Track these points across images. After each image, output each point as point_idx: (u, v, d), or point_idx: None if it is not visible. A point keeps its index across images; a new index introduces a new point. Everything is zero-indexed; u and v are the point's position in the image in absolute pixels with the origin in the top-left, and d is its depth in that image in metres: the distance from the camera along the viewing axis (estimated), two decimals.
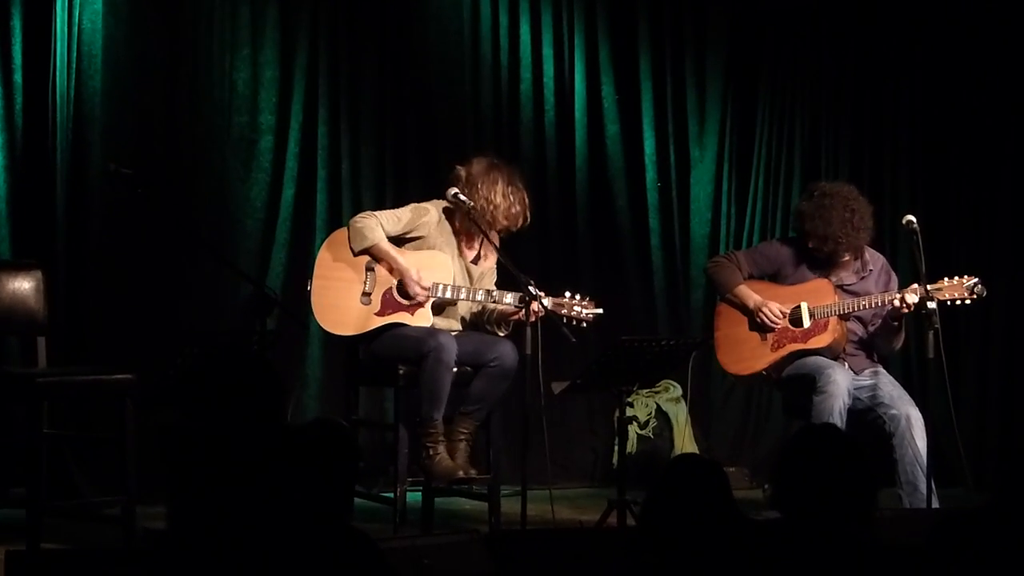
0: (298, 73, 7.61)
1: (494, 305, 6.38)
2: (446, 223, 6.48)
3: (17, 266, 6.36)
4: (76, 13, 7.01)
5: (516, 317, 6.31)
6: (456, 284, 6.37)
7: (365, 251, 6.34)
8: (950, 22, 8.19)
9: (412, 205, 6.53)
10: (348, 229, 6.42)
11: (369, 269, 6.36)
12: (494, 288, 6.45)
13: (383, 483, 7.09)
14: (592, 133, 8.25)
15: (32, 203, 7.02)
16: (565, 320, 6.25)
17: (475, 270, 6.53)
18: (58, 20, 6.95)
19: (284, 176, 7.58)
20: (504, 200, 6.41)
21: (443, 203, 6.48)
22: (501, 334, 6.46)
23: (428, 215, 6.44)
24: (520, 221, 6.50)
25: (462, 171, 6.48)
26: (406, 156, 7.84)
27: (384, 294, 6.34)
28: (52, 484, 6.32)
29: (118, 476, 6.02)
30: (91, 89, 7.09)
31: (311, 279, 6.39)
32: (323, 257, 6.43)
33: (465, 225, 6.47)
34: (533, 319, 6.10)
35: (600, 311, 6.38)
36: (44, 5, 6.97)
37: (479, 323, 6.54)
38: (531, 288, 6.10)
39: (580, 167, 8.21)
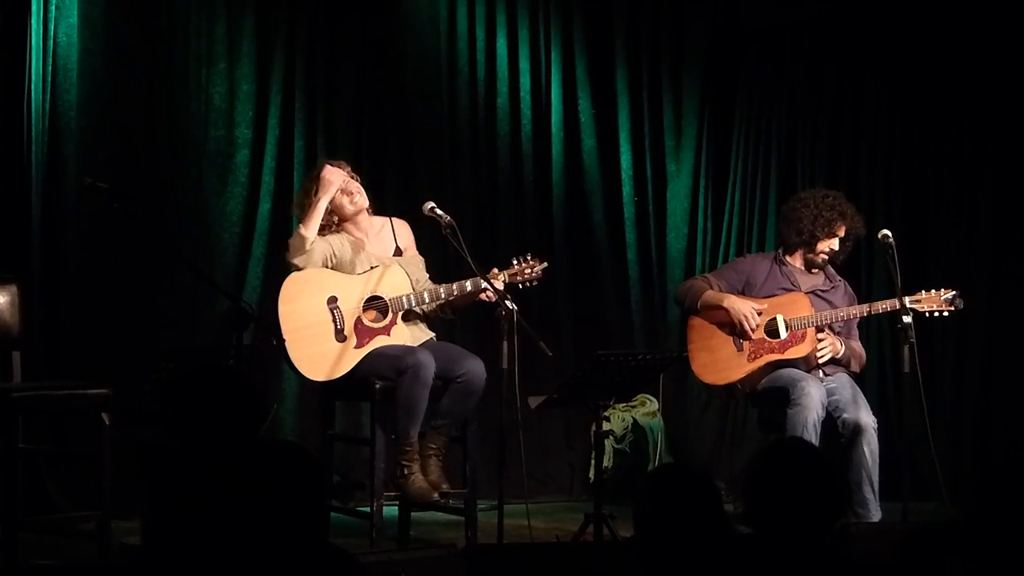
0: (274, 87, 7.60)
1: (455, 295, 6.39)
2: (338, 240, 6.41)
3: None
4: (51, 27, 6.98)
5: (484, 296, 6.31)
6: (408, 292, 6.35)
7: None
8: (927, 39, 8.21)
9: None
10: (292, 256, 6.33)
11: (333, 309, 6.28)
12: (440, 286, 6.39)
13: (359, 497, 7.08)
14: (568, 147, 8.26)
15: (7, 217, 6.98)
16: (522, 287, 6.35)
17: (401, 262, 6.49)
18: (33, 33, 6.92)
19: (260, 190, 7.56)
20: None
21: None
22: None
23: (320, 246, 6.34)
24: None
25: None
26: (383, 170, 7.83)
27: (356, 325, 6.28)
28: (27, 499, 6.29)
29: (94, 491, 5.99)
30: (66, 103, 7.06)
31: (278, 337, 6.18)
32: (284, 311, 6.24)
33: (346, 226, 6.45)
34: (495, 298, 6.13)
35: (546, 264, 6.43)
36: (19, 18, 6.93)
37: (441, 314, 6.55)
38: (494, 283, 6.20)
39: (557, 181, 8.22)
